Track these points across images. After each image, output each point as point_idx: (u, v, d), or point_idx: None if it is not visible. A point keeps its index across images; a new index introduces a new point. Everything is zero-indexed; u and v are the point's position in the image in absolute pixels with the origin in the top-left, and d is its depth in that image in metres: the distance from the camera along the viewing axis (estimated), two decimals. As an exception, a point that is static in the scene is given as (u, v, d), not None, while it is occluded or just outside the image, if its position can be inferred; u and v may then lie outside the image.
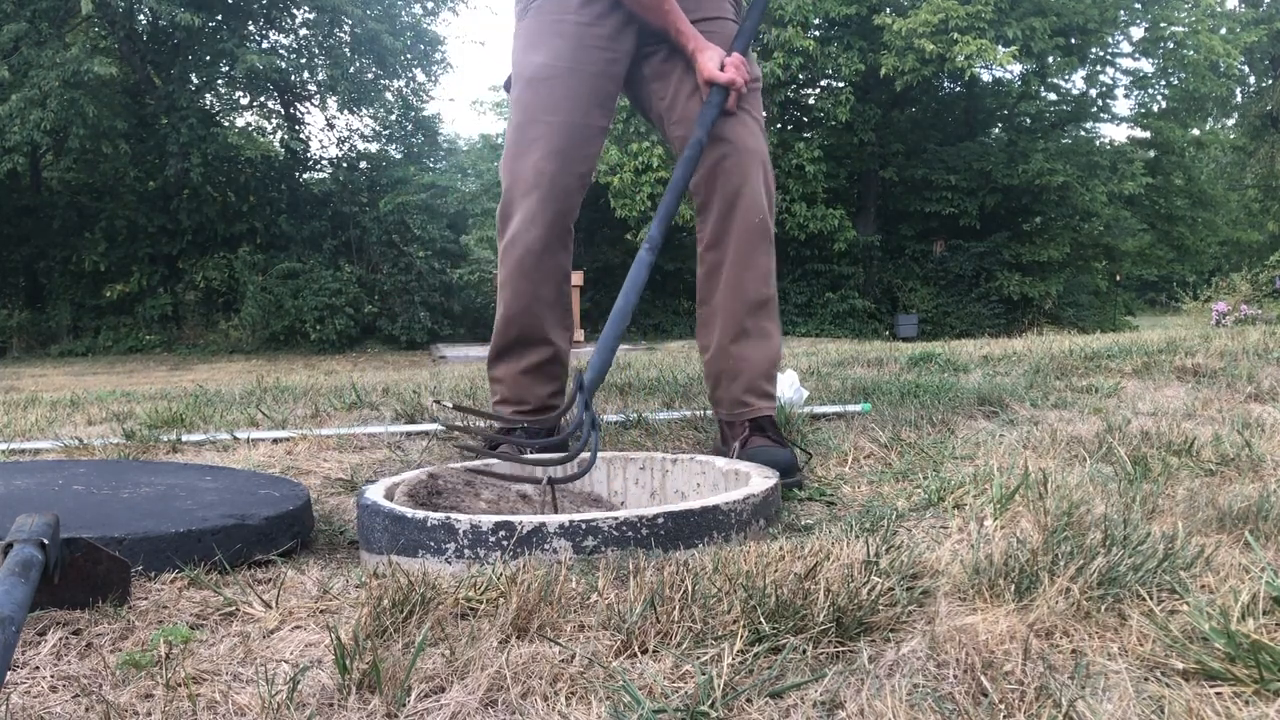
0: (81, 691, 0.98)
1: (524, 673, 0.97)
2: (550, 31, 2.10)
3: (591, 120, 2.10)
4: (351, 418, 2.92)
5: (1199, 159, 24.01)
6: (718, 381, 2.10)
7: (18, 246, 16.97)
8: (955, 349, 4.33)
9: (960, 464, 1.90)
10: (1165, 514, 1.44)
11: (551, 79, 2.08)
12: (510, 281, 2.11)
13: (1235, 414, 2.31)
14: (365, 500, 1.48)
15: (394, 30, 17.82)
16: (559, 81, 2.08)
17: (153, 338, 16.41)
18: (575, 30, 2.09)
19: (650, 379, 3.48)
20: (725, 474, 1.78)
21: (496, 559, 1.31)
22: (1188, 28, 18.70)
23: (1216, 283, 11.36)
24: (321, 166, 19.39)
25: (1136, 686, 0.91)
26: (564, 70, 2.08)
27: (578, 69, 2.08)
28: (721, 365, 2.09)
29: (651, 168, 17.00)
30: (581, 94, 2.08)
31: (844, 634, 1.05)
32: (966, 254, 18.86)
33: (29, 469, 1.84)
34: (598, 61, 2.10)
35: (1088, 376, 3.11)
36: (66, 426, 2.93)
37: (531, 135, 2.07)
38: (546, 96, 2.08)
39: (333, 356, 15.02)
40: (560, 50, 2.08)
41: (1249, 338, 3.92)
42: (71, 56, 14.58)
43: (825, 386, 3.07)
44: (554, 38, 2.09)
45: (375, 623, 1.10)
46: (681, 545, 1.38)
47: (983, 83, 19.72)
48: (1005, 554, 1.20)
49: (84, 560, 1.19)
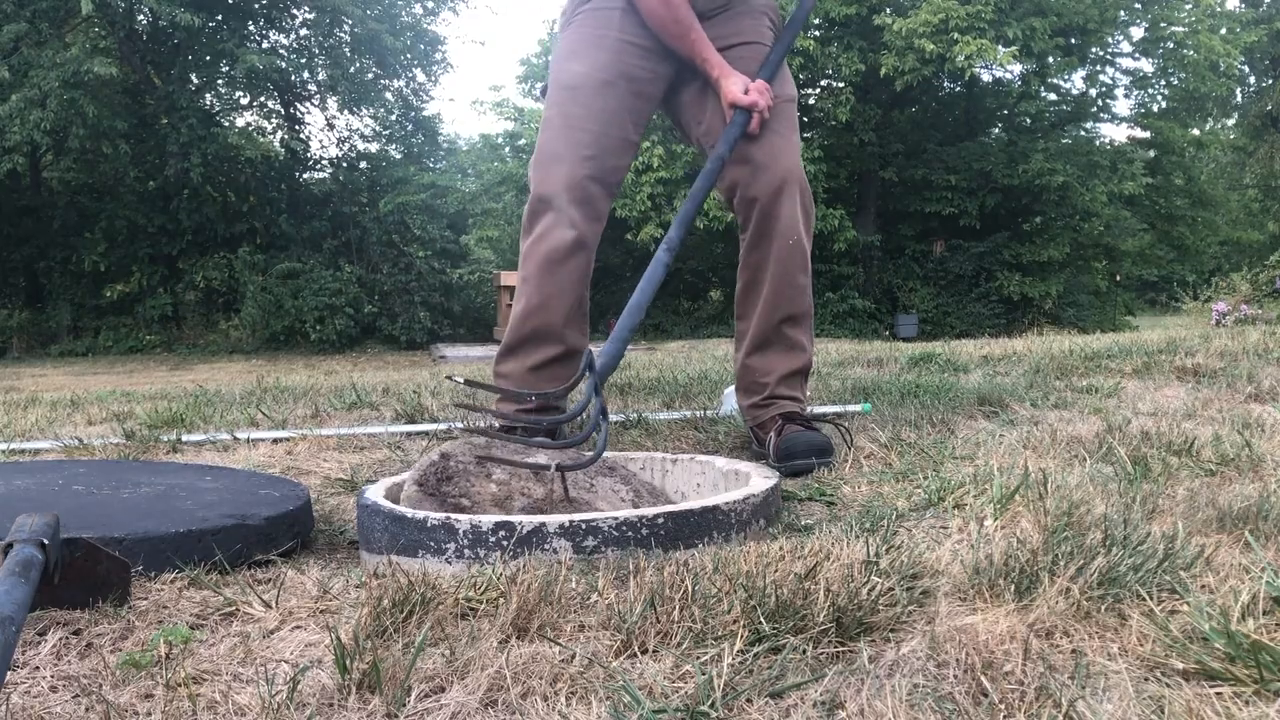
0: (81, 691, 0.98)
1: (524, 673, 0.97)
2: (591, 43, 2.16)
3: (624, 133, 2.15)
4: (351, 418, 2.92)
5: (1199, 159, 24.00)
6: (745, 393, 2.20)
7: (18, 246, 16.97)
8: (955, 349, 4.33)
9: (960, 464, 1.90)
10: (1165, 514, 1.44)
11: (587, 88, 2.13)
12: (532, 278, 2.14)
13: (1235, 414, 2.31)
14: (365, 500, 1.48)
15: (394, 30, 17.83)
16: (594, 91, 2.12)
17: (153, 338, 16.41)
18: (616, 45, 2.15)
19: (650, 379, 3.48)
20: (725, 474, 1.78)
21: (496, 559, 1.31)
22: (1188, 28, 18.70)
23: (1216, 283, 11.35)
24: (321, 166, 19.41)
25: (1136, 686, 0.91)
26: (600, 81, 2.13)
27: (614, 82, 2.13)
28: (747, 379, 2.18)
29: (651, 168, 17.01)
30: (615, 106, 2.13)
31: (844, 634, 1.05)
32: (966, 254, 18.86)
33: (29, 469, 1.84)
34: (635, 79, 2.16)
35: (1088, 376, 3.11)
36: (66, 426, 2.93)
37: (564, 140, 2.11)
38: (581, 104, 2.12)
39: (333, 356, 15.02)
40: (599, 62, 2.14)
41: (1249, 338, 3.92)
42: (71, 56, 14.58)
43: (825, 386, 3.07)
44: (595, 50, 2.15)
45: (375, 623, 1.10)
46: (681, 545, 1.38)
47: (983, 83, 19.73)
48: (1005, 554, 1.20)
49: (84, 560, 1.19)
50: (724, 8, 2.20)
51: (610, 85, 2.13)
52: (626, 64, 2.15)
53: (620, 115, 2.14)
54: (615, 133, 2.13)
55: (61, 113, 14.64)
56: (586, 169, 2.09)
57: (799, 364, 2.17)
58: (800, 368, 2.18)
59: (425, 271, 16.93)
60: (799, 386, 2.18)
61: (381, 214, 17.16)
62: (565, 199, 2.08)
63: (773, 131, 2.12)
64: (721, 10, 2.20)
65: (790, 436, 2.01)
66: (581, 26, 2.19)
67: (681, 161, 17.34)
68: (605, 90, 2.13)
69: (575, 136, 2.11)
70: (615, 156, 2.14)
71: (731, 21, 2.20)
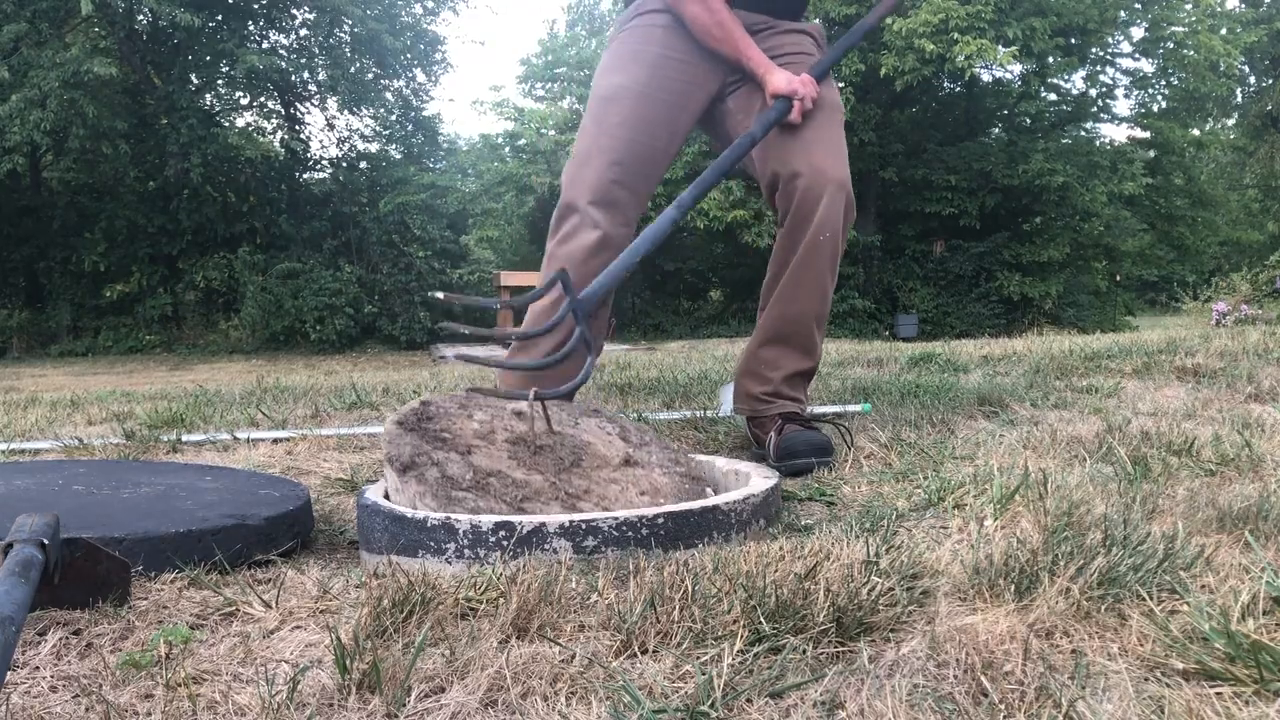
0: (81, 691, 0.98)
1: (524, 673, 0.97)
2: (631, 57, 2.22)
3: (657, 143, 2.18)
4: (351, 418, 2.92)
5: (1199, 159, 23.99)
6: (743, 376, 2.20)
7: (18, 246, 16.96)
8: (955, 349, 4.33)
9: (960, 464, 1.90)
10: (1165, 514, 1.44)
11: (624, 99, 2.18)
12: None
13: (1235, 414, 2.31)
14: (365, 500, 1.48)
15: (394, 30, 17.82)
16: (631, 102, 2.17)
17: (153, 338, 16.40)
18: (656, 59, 2.19)
19: (650, 379, 3.48)
20: (725, 474, 1.78)
21: (496, 559, 1.31)
22: (1188, 28, 18.68)
23: (1216, 283, 11.35)
24: (321, 166, 19.39)
25: (1136, 686, 0.91)
26: (637, 93, 2.18)
27: (651, 94, 2.18)
28: (749, 365, 2.20)
29: (651, 168, 16.97)
30: (651, 117, 2.18)
31: (844, 634, 1.05)
32: (966, 254, 18.85)
33: (29, 469, 1.84)
34: (673, 91, 2.19)
35: (1088, 376, 3.11)
36: (66, 426, 2.93)
37: (594, 146, 2.17)
38: (616, 114, 2.17)
39: (333, 356, 15.02)
40: (638, 75, 2.19)
41: (1249, 338, 3.92)
42: (71, 57, 14.57)
43: (825, 386, 3.07)
44: (634, 63, 2.20)
45: (375, 623, 1.10)
46: (681, 545, 1.38)
47: (983, 83, 19.72)
48: (1005, 554, 1.20)
49: (84, 560, 1.19)
50: (767, 26, 2.24)
51: (646, 96, 2.18)
52: (665, 76, 2.19)
53: (654, 125, 2.17)
54: (646, 140, 2.17)
55: (61, 113, 14.63)
56: (613, 174, 2.13)
57: (806, 366, 2.19)
58: (807, 370, 2.20)
59: (425, 272, 16.91)
60: (801, 388, 2.20)
61: (381, 214, 17.15)
62: (590, 203, 2.12)
63: (820, 132, 2.15)
64: (765, 28, 2.24)
65: (790, 436, 2.03)
66: (624, 41, 2.25)
67: (681, 161, 17.34)
68: (641, 101, 2.17)
69: (605, 143, 2.15)
70: (646, 164, 2.17)
71: (774, 38, 2.24)
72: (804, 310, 2.16)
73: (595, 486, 1.60)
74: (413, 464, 1.50)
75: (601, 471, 1.65)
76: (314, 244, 16.98)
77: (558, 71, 21.51)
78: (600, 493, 1.59)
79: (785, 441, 2.02)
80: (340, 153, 19.40)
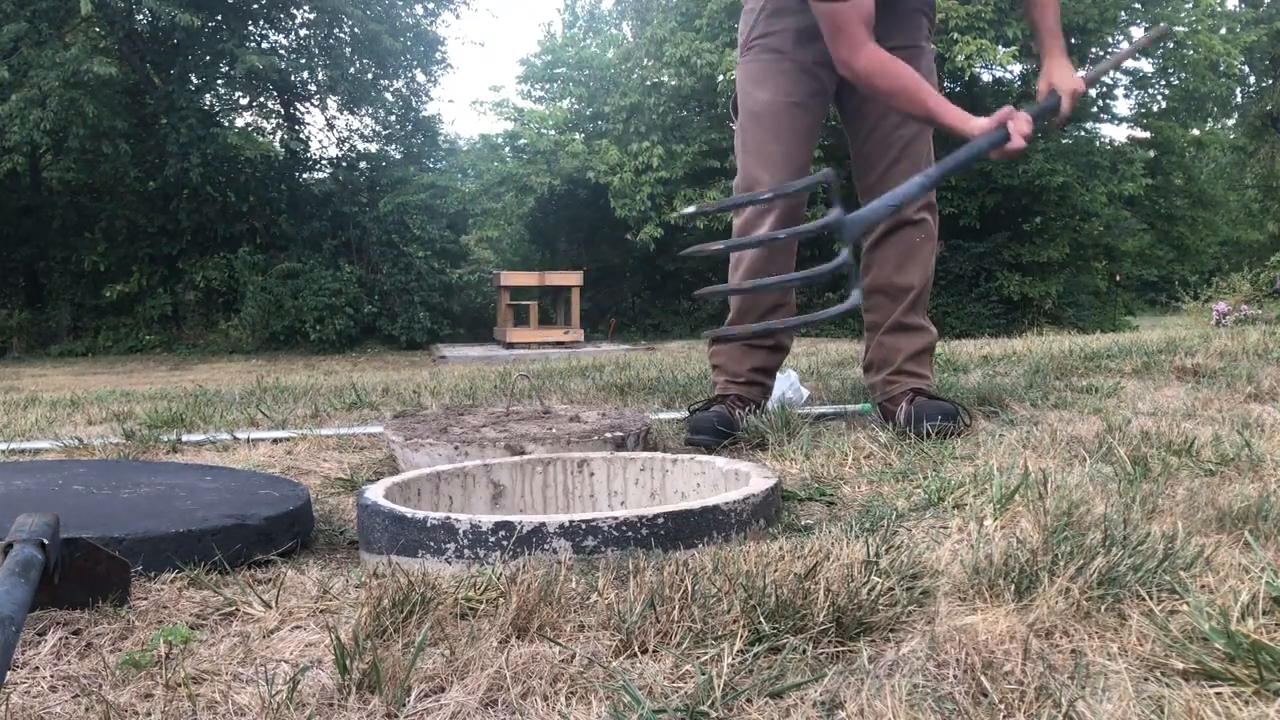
0: (81, 691, 0.98)
1: (524, 673, 0.97)
2: (773, 70, 2.38)
3: (809, 146, 2.41)
4: (351, 418, 2.92)
5: (1199, 159, 23.99)
6: (876, 369, 2.45)
7: (18, 246, 16.95)
8: (955, 349, 4.33)
9: (960, 464, 1.90)
10: (1165, 514, 1.44)
11: (777, 114, 2.37)
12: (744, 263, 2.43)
13: (1235, 414, 2.31)
14: (365, 500, 1.48)
15: (394, 31, 17.81)
16: (783, 116, 2.36)
17: (153, 338, 16.40)
18: (793, 67, 2.36)
19: (650, 379, 3.49)
20: (725, 474, 1.78)
21: (496, 559, 1.31)
22: (1188, 28, 18.68)
23: (1217, 283, 11.35)
24: (321, 166, 19.37)
25: (1136, 686, 0.91)
26: (786, 105, 2.36)
27: (799, 102, 2.37)
28: (879, 355, 2.45)
29: (651, 167, 17.00)
30: (801, 125, 2.38)
31: (844, 634, 1.05)
32: (966, 254, 18.84)
33: (29, 469, 1.84)
34: (813, 93, 2.38)
35: (1088, 376, 3.11)
36: (66, 426, 2.93)
37: (758, 161, 2.37)
38: (772, 129, 2.37)
39: (333, 356, 15.02)
40: (782, 86, 2.36)
41: (1249, 338, 3.91)
42: (71, 56, 14.56)
43: (825, 386, 3.07)
44: (777, 76, 2.37)
45: (375, 623, 1.10)
46: (681, 545, 1.38)
47: (983, 82, 19.70)
48: (1005, 554, 1.20)
49: (84, 560, 1.19)
50: (882, 6, 2.21)
51: (795, 106, 2.36)
52: (804, 81, 2.36)
53: (805, 132, 2.38)
54: (801, 149, 2.37)
55: (61, 113, 14.61)
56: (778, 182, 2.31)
57: (924, 343, 2.43)
58: (926, 346, 2.44)
59: (425, 271, 16.91)
60: (926, 364, 2.43)
61: (381, 214, 17.14)
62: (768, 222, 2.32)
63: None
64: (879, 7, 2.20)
65: (920, 403, 2.24)
66: (760, 55, 2.40)
67: (681, 161, 17.33)
68: (791, 111, 2.36)
69: (767, 159, 2.35)
70: (803, 171, 2.37)
71: (886, 19, 2.22)
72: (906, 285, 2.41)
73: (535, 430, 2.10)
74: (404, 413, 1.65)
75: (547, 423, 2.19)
76: (314, 244, 16.97)
77: (557, 72, 21.52)
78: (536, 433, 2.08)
79: (915, 408, 2.21)
80: (340, 153, 19.40)
